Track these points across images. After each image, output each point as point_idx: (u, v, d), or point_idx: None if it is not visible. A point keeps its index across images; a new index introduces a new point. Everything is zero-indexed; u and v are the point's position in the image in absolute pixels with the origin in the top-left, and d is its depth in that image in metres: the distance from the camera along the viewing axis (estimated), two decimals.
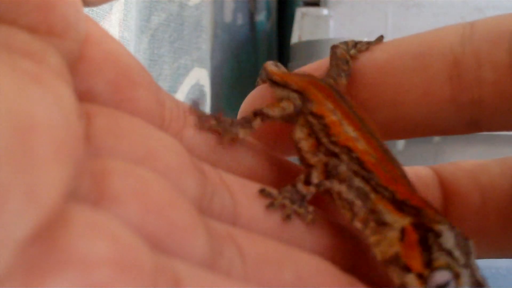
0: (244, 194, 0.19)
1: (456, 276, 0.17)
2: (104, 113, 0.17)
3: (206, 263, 0.16)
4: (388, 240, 0.19)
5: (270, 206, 0.20)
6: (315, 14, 0.63)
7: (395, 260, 0.18)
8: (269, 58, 0.73)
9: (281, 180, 0.21)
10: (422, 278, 0.18)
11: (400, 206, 0.19)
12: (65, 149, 0.12)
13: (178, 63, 0.47)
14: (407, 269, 0.18)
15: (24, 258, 0.11)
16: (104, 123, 0.16)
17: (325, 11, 0.63)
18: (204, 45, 0.51)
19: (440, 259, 0.18)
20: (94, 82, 0.17)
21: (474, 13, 0.61)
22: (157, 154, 0.17)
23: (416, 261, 0.18)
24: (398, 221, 0.19)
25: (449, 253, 0.18)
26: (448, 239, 0.18)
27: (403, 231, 0.19)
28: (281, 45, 0.78)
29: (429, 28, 0.23)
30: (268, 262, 0.17)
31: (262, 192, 0.20)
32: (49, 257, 0.11)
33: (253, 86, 0.26)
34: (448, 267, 0.17)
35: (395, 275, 0.18)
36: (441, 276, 0.17)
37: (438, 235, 0.18)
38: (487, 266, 0.21)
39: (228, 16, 0.66)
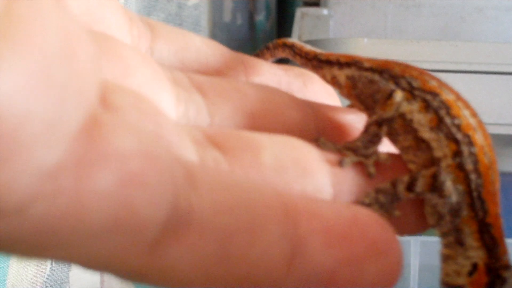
0: (214, 92, 0.21)
1: None
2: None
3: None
4: (457, 266, 0.19)
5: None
6: (315, 14, 0.63)
7: None
8: None
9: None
10: None
11: (484, 230, 0.19)
12: (95, 59, 0.14)
13: None
14: None
15: (73, 151, 0.12)
16: None
17: (325, 11, 0.63)
18: None
19: None
20: (66, 6, 0.18)
21: (474, 13, 0.61)
22: (134, 70, 0.19)
23: None
24: (474, 249, 0.19)
25: None
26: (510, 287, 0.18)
27: (475, 267, 0.19)
28: None
29: (428, 28, 0.23)
30: (246, 150, 0.18)
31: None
32: (91, 152, 0.12)
33: None
34: None
35: None
36: None
37: (503, 281, 0.18)
38: None
39: (227, 16, 0.66)
